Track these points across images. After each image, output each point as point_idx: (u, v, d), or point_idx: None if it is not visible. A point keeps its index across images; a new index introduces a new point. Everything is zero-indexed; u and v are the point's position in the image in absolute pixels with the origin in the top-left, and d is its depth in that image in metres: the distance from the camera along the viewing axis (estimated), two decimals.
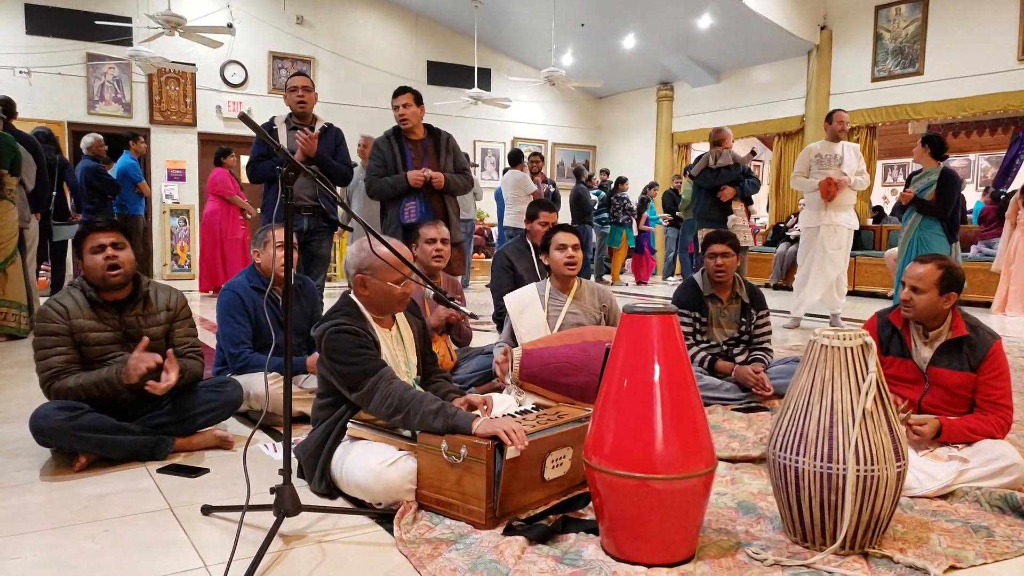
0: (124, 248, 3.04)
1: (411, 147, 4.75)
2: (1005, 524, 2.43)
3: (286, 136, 4.84)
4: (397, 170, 4.68)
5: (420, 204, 4.64)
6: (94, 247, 2.98)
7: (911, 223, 6.30)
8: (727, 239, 4.11)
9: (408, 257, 2.59)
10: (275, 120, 4.96)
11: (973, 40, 10.02)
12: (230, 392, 3.28)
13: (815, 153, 6.82)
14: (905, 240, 6.34)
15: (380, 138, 4.82)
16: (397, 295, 2.70)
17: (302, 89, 4.86)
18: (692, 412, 2.12)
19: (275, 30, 12.82)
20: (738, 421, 3.63)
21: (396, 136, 4.76)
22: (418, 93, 4.79)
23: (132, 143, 8.94)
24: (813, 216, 6.85)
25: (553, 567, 2.06)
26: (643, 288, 11.95)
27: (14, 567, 2.10)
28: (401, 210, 4.65)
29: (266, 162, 4.82)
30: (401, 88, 4.77)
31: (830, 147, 6.80)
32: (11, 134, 6.19)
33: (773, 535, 2.32)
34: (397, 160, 4.69)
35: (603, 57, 14.31)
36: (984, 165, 15.79)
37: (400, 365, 2.77)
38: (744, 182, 7.12)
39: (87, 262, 3.00)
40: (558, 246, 3.82)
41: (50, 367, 2.91)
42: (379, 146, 4.78)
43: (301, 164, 2.25)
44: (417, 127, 4.77)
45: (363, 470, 2.46)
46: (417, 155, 4.73)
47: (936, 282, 2.80)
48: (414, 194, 4.65)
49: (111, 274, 2.98)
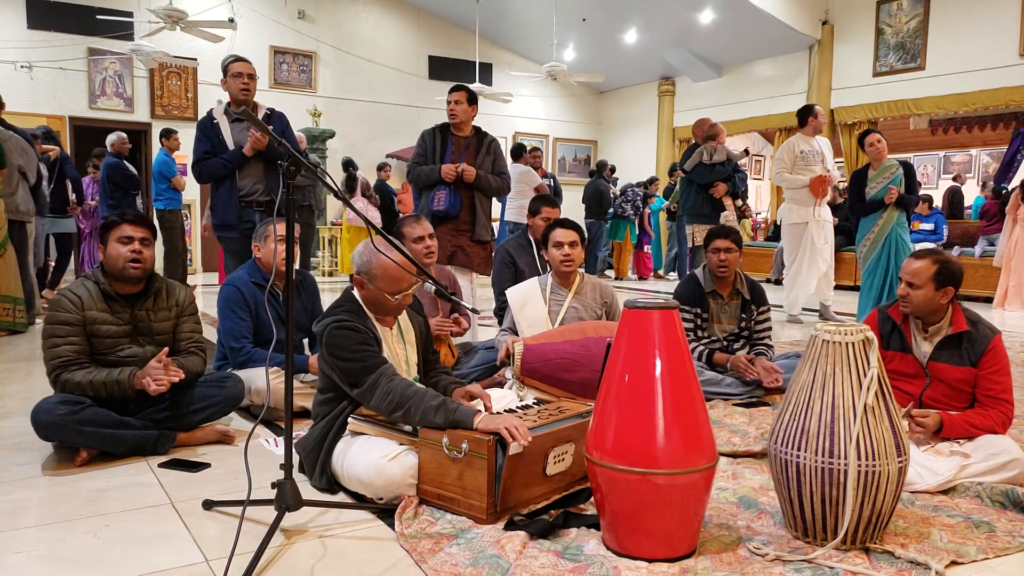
0: (150, 245, 3.09)
1: (453, 142, 4.85)
2: (1006, 519, 2.42)
3: (229, 128, 4.53)
4: (435, 161, 4.80)
5: (449, 195, 4.71)
6: (122, 237, 3.02)
7: (885, 220, 6.23)
8: (730, 235, 4.11)
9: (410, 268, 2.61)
10: (213, 113, 4.59)
11: (975, 35, 10.00)
12: (231, 387, 3.28)
13: (799, 149, 6.81)
14: (879, 239, 6.27)
15: (427, 129, 4.93)
16: (391, 306, 2.70)
17: (247, 76, 4.53)
18: (693, 407, 2.11)
19: (276, 25, 12.81)
20: (739, 416, 3.63)
21: (443, 129, 4.89)
22: (473, 93, 4.88)
23: (164, 140, 9.01)
24: (802, 212, 6.87)
25: (555, 562, 2.06)
26: (645, 283, 11.95)
27: (16, 561, 2.10)
28: (431, 198, 4.75)
29: (214, 160, 4.45)
30: (458, 86, 4.90)
31: (811, 143, 6.82)
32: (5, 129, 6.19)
33: (774, 530, 2.32)
34: (437, 151, 4.82)
35: (604, 52, 14.29)
36: (985, 160, 15.77)
37: (401, 363, 2.77)
38: (735, 178, 7.10)
39: (110, 250, 3.02)
40: (555, 243, 3.80)
41: (59, 356, 2.91)
42: (424, 137, 4.90)
43: (305, 161, 2.24)
44: (465, 124, 4.87)
45: (365, 465, 2.46)
46: (457, 150, 4.82)
47: (932, 277, 2.80)
48: (445, 185, 4.72)
49: (132, 266, 3.01)
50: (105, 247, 3.04)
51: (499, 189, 4.92)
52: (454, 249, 4.78)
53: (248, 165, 4.46)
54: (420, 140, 4.91)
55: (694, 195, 7.18)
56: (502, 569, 2.01)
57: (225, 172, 4.46)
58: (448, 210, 4.68)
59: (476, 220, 4.84)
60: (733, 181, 7.06)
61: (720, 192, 7.01)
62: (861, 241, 6.44)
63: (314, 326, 2.69)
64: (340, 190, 2.35)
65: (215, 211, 4.52)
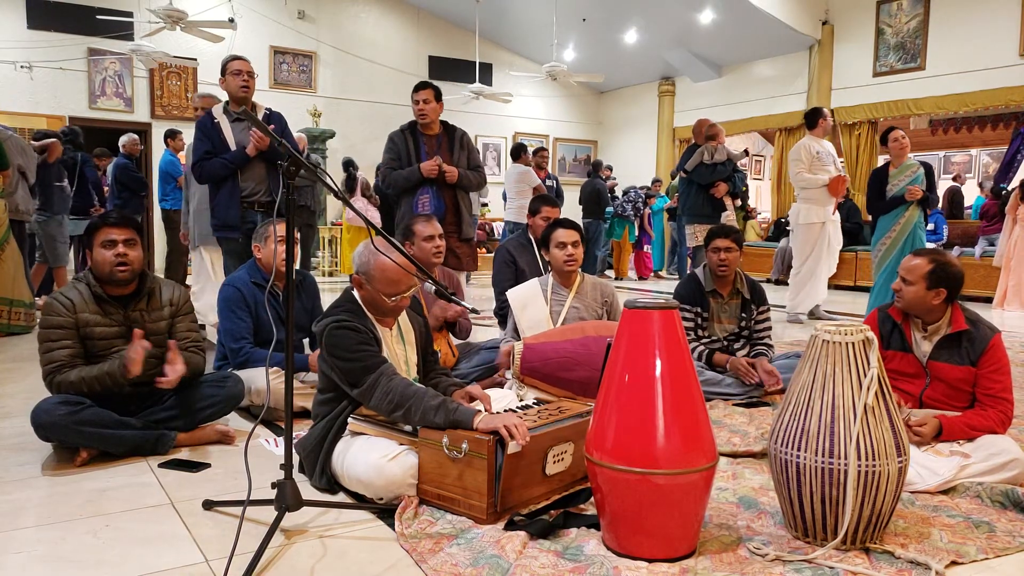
0: (135, 246, 3.04)
1: (426, 141, 4.77)
2: (1006, 519, 2.42)
3: (230, 128, 4.55)
4: (411, 163, 4.70)
5: (433, 198, 4.65)
6: (105, 241, 2.98)
7: (907, 220, 6.25)
8: (731, 234, 4.12)
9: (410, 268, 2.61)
10: (213, 112, 4.60)
11: (975, 35, 10.00)
12: (231, 387, 3.28)
13: (815, 150, 6.82)
14: (899, 238, 6.28)
15: (395, 132, 4.83)
16: (388, 307, 2.70)
17: (247, 74, 4.53)
18: (694, 407, 2.11)
19: (276, 25, 12.81)
20: (739, 416, 3.63)
21: (411, 130, 4.80)
22: (438, 89, 4.80)
23: (170, 140, 9.11)
24: (819, 212, 6.87)
25: (554, 562, 2.06)
26: (645, 283, 11.95)
27: (16, 561, 2.10)
28: (415, 203, 4.68)
29: (214, 160, 4.45)
30: (423, 83, 4.78)
31: (823, 144, 6.85)
32: None
33: (774, 530, 2.32)
34: (411, 154, 4.72)
35: (605, 52, 14.29)
36: (986, 160, 15.76)
37: (400, 364, 2.77)
38: (735, 178, 7.10)
39: (96, 255, 3.00)
40: (557, 244, 3.80)
41: (53, 360, 2.91)
42: (394, 139, 4.79)
43: (305, 162, 2.24)
44: (434, 123, 4.78)
45: (365, 465, 2.46)
46: (431, 150, 4.75)
47: (925, 275, 2.81)
48: (428, 188, 4.66)
49: (119, 270, 2.99)
50: (91, 252, 3.02)
51: (479, 184, 4.89)
52: (445, 252, 4.75)
53: (249, 166, 4.45)
54: (390, 144, 4.78)
55: (694, 195, 7.19)
56: (502, 569, 2.01)
57: (226, 172, 4.43)
58: (433, 213, 4.57)
59: (461, 219, 4.80)
60: (733, 181, 7.08)
61: (721, 192, 7.03)
62: (879, 240, 6.39)
63: (314, 326, 2.69)
64: (340, 190, 2.35)
65: (216, 212, 4.50)
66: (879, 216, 6.39)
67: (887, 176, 6.36)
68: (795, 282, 7.16)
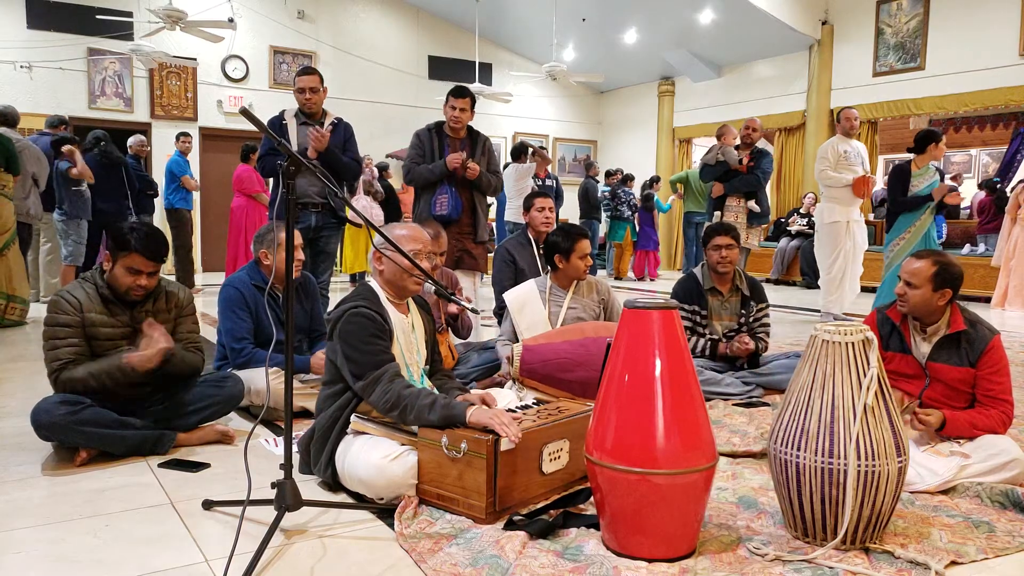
0: (156, 275, 3.07)
1: (450, 143, 4.87)
2: (1006, 519, 2.43)
3: (296, 130, 4.79)
4: (434, 161, 4.80)
5: (451, 198, 4.73)
6: (132, 268, 2.97)
7: (924, 220, 6.25)
8: (729, 231, 4.14)
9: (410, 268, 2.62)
10: (284, 114, 4.88)
11: (974, 35, 10.00)
12: (231, 387, 3.28)
13: (841, 149, 6.84)
14: (915, 237, 6.27)
15: (422, 130, 4.94)
16: (407, 280, 2.72)
17: (309, 91, 4.77)
18: (693, 407, 2.12)
19: (276, 25, 12.80)
20: (739, 416, 3.63)
21: (438, 130, 4.90)
22: (475, 98, 4.93)
23: (179, 140, 9.40)
24: (844, 211, 6.88)
25: (554, 562, 2.06)
26: (644, 283, 11.95)
27: (15, 561, 2.11)
28: (433, 202, 4.76)
29: (273, 156, 4.75)
30: (463, 90, 4.86)
31: (851, 143, 6.86)
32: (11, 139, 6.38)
33: (774, 530, 2.32)
34: (435, 152, 4.83)
35: (604, 52, 14.29)
36: (985, 160, 15.76)
37: (412, 352, 2.79)
38: (733, 179, 7.11)
39: (117, 272, 2.98)
40: (582, 255, 3.84)
41: (59, 358, 2.92)
42: (420, 136, 4.90)
43: (303, 159, 2.25)
44: (463, 129, 4.90)
45: (366, 465, 2.46)
46: (454, 150, 4.84)
47: (930, 278, 2.81)
48: (447, 187, 4.74)
49: (135, 293, 3.02)
50: (113, 260, 2.99)
51: (496, 188, 4.98)
52: (460, 253, 4.82)
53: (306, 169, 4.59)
54: (415, 140, 4.90)
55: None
56: (502, 569, 2.01)
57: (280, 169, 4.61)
58: (451, 213, 4.70)
59: (477, 222, 4.89)
60: (732, 182, 7.07)
61: (716, 192, 7.09)
62: (894, 239, 6.37)
63: (327, 315, 2.68)
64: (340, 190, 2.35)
65: (272, 207, 4.73)
66: (901, 213, 6.36)
67: (910, 174, 6.38)
68: (827, 281, 7.09)
